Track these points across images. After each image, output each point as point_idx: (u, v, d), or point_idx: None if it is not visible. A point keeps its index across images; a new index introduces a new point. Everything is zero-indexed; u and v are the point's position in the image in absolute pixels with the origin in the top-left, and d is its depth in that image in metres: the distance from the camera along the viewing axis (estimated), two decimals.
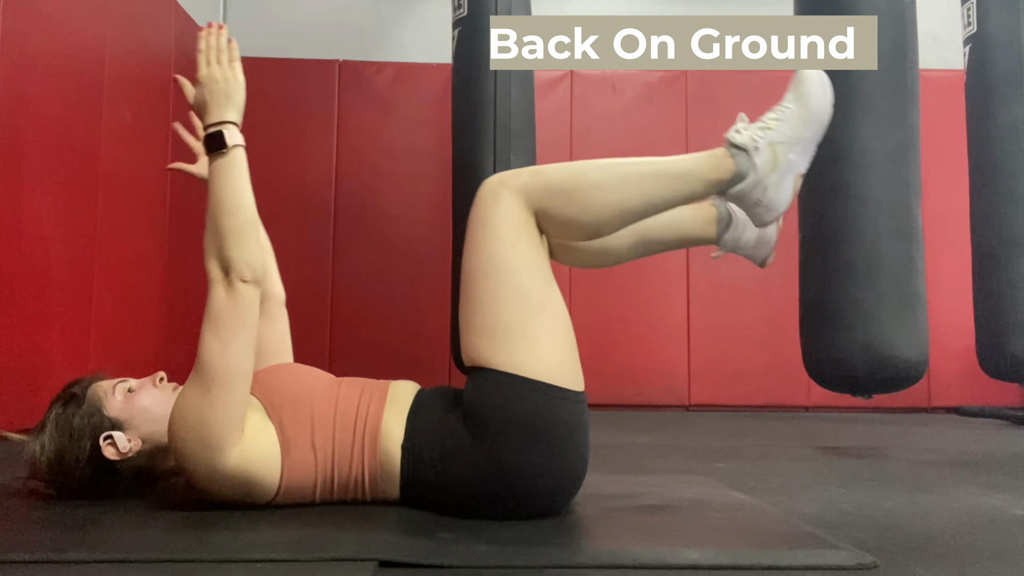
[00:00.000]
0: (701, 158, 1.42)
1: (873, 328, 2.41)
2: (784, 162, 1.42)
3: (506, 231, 1.36)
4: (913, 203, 2.52)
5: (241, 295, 1.30)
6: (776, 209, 1.44)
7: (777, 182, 1.42)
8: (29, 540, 1.19)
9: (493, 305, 1.34)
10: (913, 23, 2.61)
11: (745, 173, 1.40)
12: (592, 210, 1.38)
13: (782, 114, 1.44)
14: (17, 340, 2.57)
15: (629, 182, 1.39)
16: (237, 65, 1.38)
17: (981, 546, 1.31)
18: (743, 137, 1.42)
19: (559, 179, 1.39)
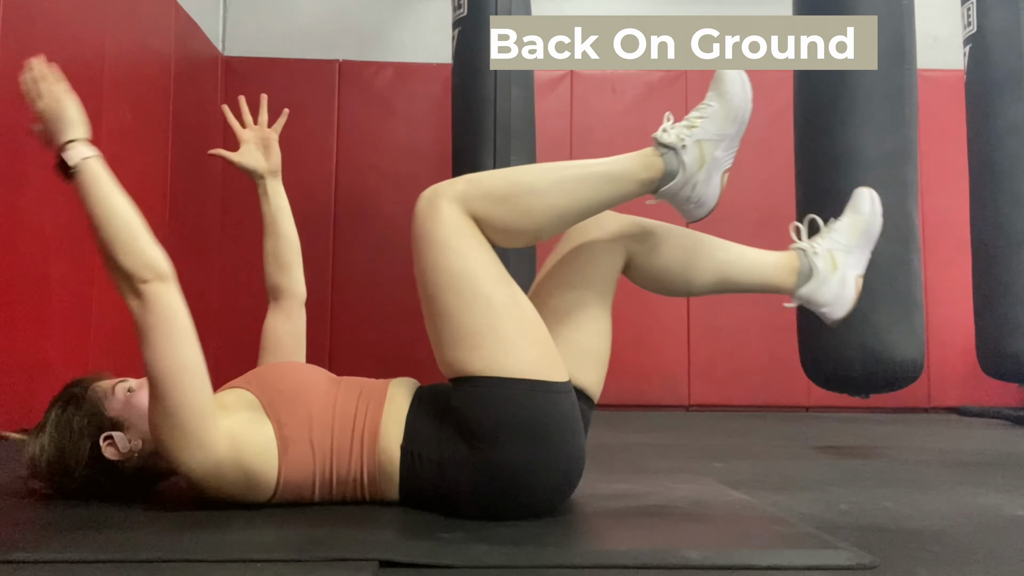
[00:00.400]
0: (632, 158, 1.44)
1: (870, 329, 2.41)
2: (711, 159, 1.46)
3: (452, 240, 1.36)
4: (910, 205, 2.52)
5: (151, 296, 1.29)
6: (706, 205, 1.48)
7: (705, 179, 1.45)
8: (29, 540, 1.19)
9: (457, 316, 1.34)
10: (911, 24, 2.61)
11: (675, 171, 1.43)
12: (530, 215, 1.39)
13: (706, 112, 1.48)
14: (17, 340, 2.57)
15: (564, 186, 1.40)
16: (59, 84, 1.37)
17: (981, 546, 1.31)
18: (670, 136, 1.45)
19: (495, 186, 1.40)
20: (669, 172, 1.43)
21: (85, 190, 1.31)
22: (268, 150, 1.76)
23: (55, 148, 1.34)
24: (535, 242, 1.46)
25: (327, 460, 1.36)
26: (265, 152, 1.76)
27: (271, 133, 1.77)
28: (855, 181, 2.50)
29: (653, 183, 1.44)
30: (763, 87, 5.30)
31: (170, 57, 3.88)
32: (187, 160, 4.03)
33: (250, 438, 1.32)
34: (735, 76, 1.50)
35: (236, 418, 1.34)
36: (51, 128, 1.34)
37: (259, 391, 1.39)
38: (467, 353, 1.33)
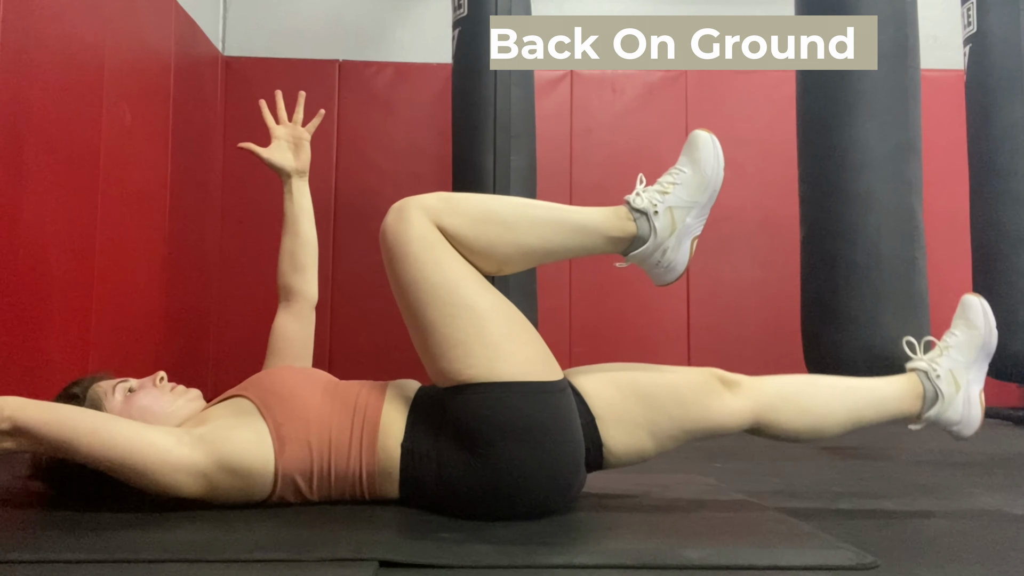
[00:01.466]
0: (607, 215, 1.44)
1: (875, 328, 2.41)
2: (681, 225, 1.46)
3: (424, 252, 1.35)
4: (915, 203, 2.52)
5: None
6: (675, 271, 1.49)
7: (675, 244, 1.46)
8: (29, 540, 1.19)
9: (442, 327, 1.34)
10: (914, 23, 2.61)
11: (645, 236, 1.44)
12: (497, 247, 1.39)
13: (678, 178, 1.47)
14: (17, 340, 2.57)
15: (536, 227, 1.41)
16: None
17: (981, 546, 1.30)
18: (643, 201, 1.44)
19: (468, 209, 1.39)
20: (640, 236, 1.44)
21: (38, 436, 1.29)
22: (299, 149, 1.77)
23: None
24: (497, 274, 1.45)
25: (325, 458, 1.36)
26: (295, 151, 1.77)
27: (304, 132, 1.79)
28: (859, 179, 2.51)
29: (623, 244, 1.45)
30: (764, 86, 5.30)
31: (170, 57, 3.88)
32: (187, 160, 4.03)
33: (234, 437, 1.32)
34: (708, 142, 1.47)
35: (210, 425, 1.34)
36: None
37: (255, 395, 1.39)
38: (457, 363, 1.33)
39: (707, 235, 1.66)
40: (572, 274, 4.64)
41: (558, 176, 4.58)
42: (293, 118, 1.78)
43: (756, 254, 4.65)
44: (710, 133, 1.48)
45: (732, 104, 4.64)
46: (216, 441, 1.31)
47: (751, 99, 4.70)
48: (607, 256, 1.89)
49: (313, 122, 1.79)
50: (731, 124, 4.51)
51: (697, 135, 1.48)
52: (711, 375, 1.49)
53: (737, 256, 4.68)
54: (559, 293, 4.55)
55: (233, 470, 1.32)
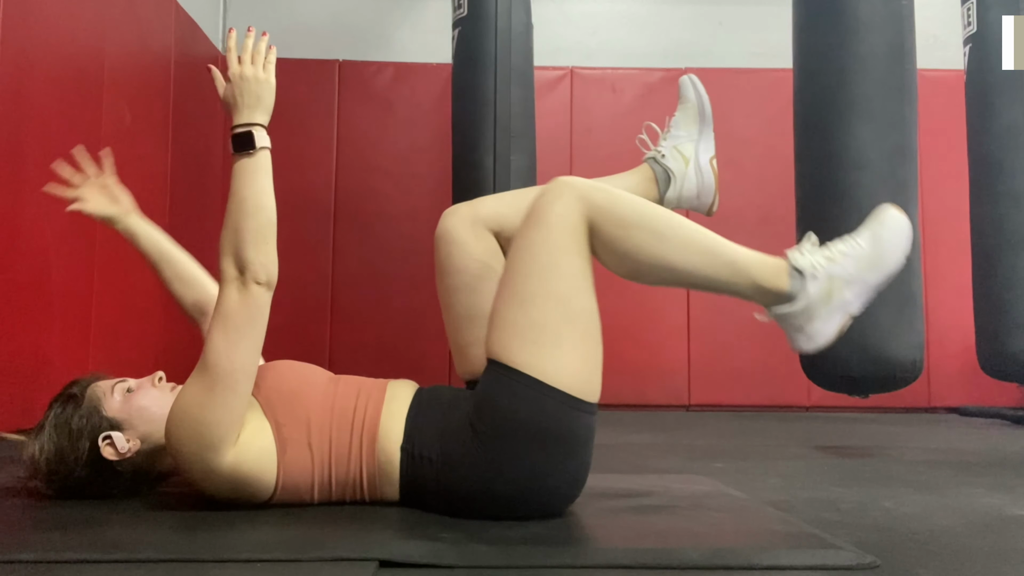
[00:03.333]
0: (763, 262, 1.37)
1: (869, 328, 2.41)
2: (838, 299, 1.36)
3: (560, 235, 1.33)
4: (909, 204, 2.52)
5: (254, 297, 1.29)
6: (816, 342, 1.38)
7: (826, 316, 1.36)
8: (29, 540, 1.19)
9: (530, 304, 1.32)
10: (911, 25, 2.61)
11: (795, 296, 1.35)
12: (642, 255, 1.34)
13: (852, 249, 1.37)
14: (17, 340, 2.57)
15: (687, 247, 1.34)
16: (271, 68, 1.38)
17: (981, 546, 1.31)
18: (804, 261, 1.36)
19: (625, 211, 1.35)
20: (789, 295, 1.35)
21: (251, 175, 1.32)
22: (111, 192, 1.72)
23: (236, 118, 1.35)
24: (628, 278, 1.41)
25: (326, 461, 1.36)
26: (110, 196, 1.72)
27: (107, 178, 1.75)
28: (855, 180, 2.51)
29: (769, 295, 1.36)
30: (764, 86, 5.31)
31: (170, 57, 3.88)
32: (187, 160, 4.03)
33: (250, 443, 1.32)
34: (898, 223, 1.38)
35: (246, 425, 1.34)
36: (243, 100, 1.35)
37: (256, 390, 1.38)
38: (520, 343, 1.31)
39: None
40: None
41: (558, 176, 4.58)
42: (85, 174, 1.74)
43: None
44: (905, 216, 1.39)
45: (732, 104, 4.64)
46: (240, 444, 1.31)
47: (751, 99, 4.70)
48: None
49: (106, 164, 1.76)
50: (731, 124, 4.51)
51: (890, 214, 1.39)
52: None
53: None
54: None
55: (241, 473, 1.31)
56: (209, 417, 1.27)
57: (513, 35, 3.41)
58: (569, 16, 5.06)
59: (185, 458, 1.30)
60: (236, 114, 1.35)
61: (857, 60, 2.54)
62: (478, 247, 1.50)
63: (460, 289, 1.49)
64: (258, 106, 1.35)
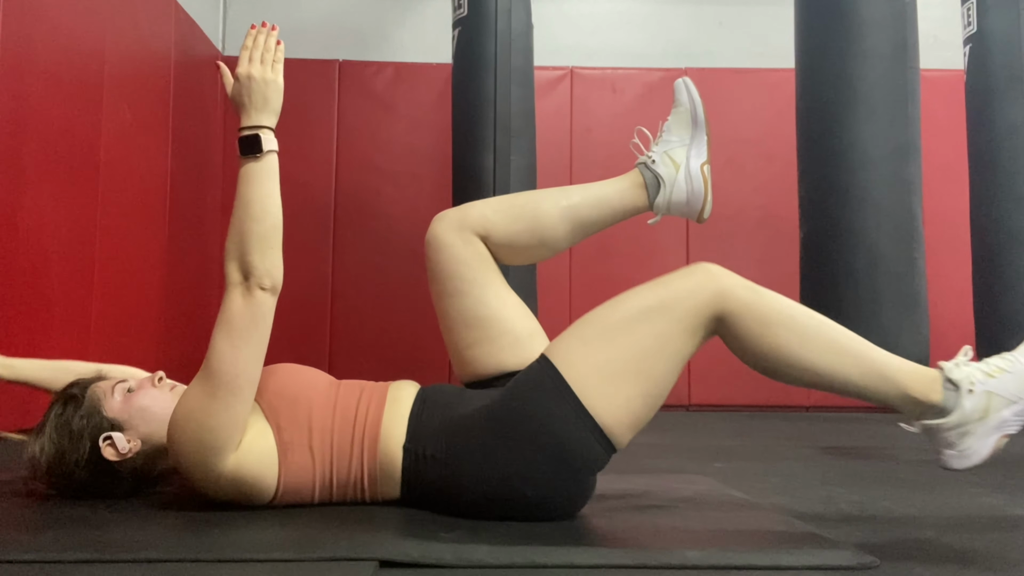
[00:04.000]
0: (913, 370, 1.29)
1: (874, 328, 2.41)
2: (996, 418, 1.27)
3: (684, 314, 1.28)
4: (914, 203, 2.52)
5: (258, 302, 1.29)
6: (969, 460, 1.29)
7: (982, 434, 1.28)
8: (29, 540, 1.19)
9: (619, 342, 1.28)
10: (913, 23, 2.61)
11: (950, 410, 1.26)
12: (782, 355, 1.28)
13: (1013, 367, 1.29)
14: (17, 340, 2.57)
15: (832, 351, 1.28)
16: (280, 68, 1.36)
17: (981, 546, 1.31)
18: (960, 373, 1.28)
19: (770, 310, 1.28)
20: (944, 408, 1.26)
21: (257, 179, 1.31)
22: None
23: (244, 119, 1.34)
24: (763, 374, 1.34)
25: (327, 464, 1.36)
26: None
27: None
28: (858, 179, 2.51)
29: (920, 407, 1.27)
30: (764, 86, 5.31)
31: (170, 57, 3.88)
32: (187, 160, 4.03)
33: (251, 447, 1.32)
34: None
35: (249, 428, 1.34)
36: (251, 101, 1.34)
37: (258, 394, 1.38)
38: (583, 364, 1.28)
39: (707, 235, 1.67)
40: (572, 273, 4.64)
41: (558, 176, 4.58)
42: None
43: (756, 254, 4.65)
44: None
45: (732, 104, 4.64)
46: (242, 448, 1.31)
47: (751, 99, 4.70)
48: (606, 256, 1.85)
49: None
50: (731, 124, 4.51)
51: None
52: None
53: (737, 256, 4.68)
54: (559, 292, 4.55)
55: (243, 477, 1.31)
56: (212, 422, 1.27)
57: (513, 35, 3.41)
58: (569, 16, 5.06)
59: (187, 462, 1.30)
60: (244, 116, 1.34)
61: (860, 59, 2.54)
62: (466, 252, 1.50)
63: (452, 294, 1.50)
64: (265, 108, 1.35)
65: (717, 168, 1.65)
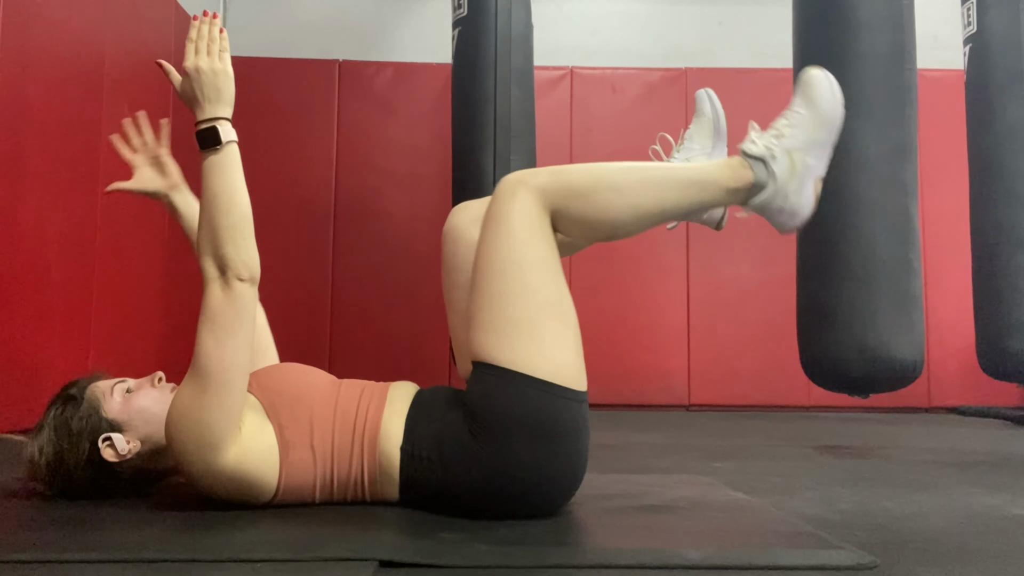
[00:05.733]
0: (720, 168, 1.42)
1: (869, 328, 2.41)
2: (802, 167, 1.42)
3: (521, 229, 1.35)
4: (910, 204, 2.52)
5: (237, 294, 1.29)
6: (800, 214, 1.44)
7: (798, 188, 1.42)
8: (29, 540, 1.19)
9: (502, 301, 1.33)
10: (911, 25, 2.61)
11: (764, 183, 1.41)
12: (610, 213, 1.38)
13: (794, 119, 1.44)
14: (17, 340, 2.57)
15: (648, 187, 1.39)
16: (227, 57, 1.34)
17: (981, 546, 1.31)
18: (758, 147, 1.41)
19: (578, 181, 1.39)
20: (758, 183, 1.41)
21: (219, 170, 1.30)
22: (163, 166, 1.73)
23: (199, 114, 1.32)
24: (611, 239, 1.45)
25: (328, 463, 1.36)
26: (160, 169, 1.73)
27: (160, 148, 1.74)
28: (855, 180, 2.51)
29: (740, 193, 1.42)
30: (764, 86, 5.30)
31: (170, 57, 3.88)
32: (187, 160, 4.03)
33: (255, 445, 1.32)
34: (823, 79, 1.45)
35: (246, 424, 1.34)
36: (203, 94, 1.32)
37: (260, 393, 1.39)
38: (500, 341, 1.32)
39: (707, 235, 1.67)
40: (572, 274, 4.63)
41: None
42: (143, 140, 1.74)
43: (756, 254, 4.65)
44: (823, 70, 1.45)
45: (732, 104, 4.63)
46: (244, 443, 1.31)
47: (751, 99, 4.69)
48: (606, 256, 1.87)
49: (163, 134, 1.75)
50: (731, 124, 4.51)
51: (810, 74, 1.45)
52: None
53: (737, 256, 4.68)
54: None
55: (244, 473, 1.31)
56: (206, 418, 1.27)
57: (513, 35, 3.41)
58: (569, 16, 5.06)
59: (188, 460, 1.30)
60: (198, 110, 1.32)
61: (858, 59, 2.54)
62: None
63: (464, 287, 1.50)
64: (219, 99, 1.32)
65: None
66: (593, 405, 1.49)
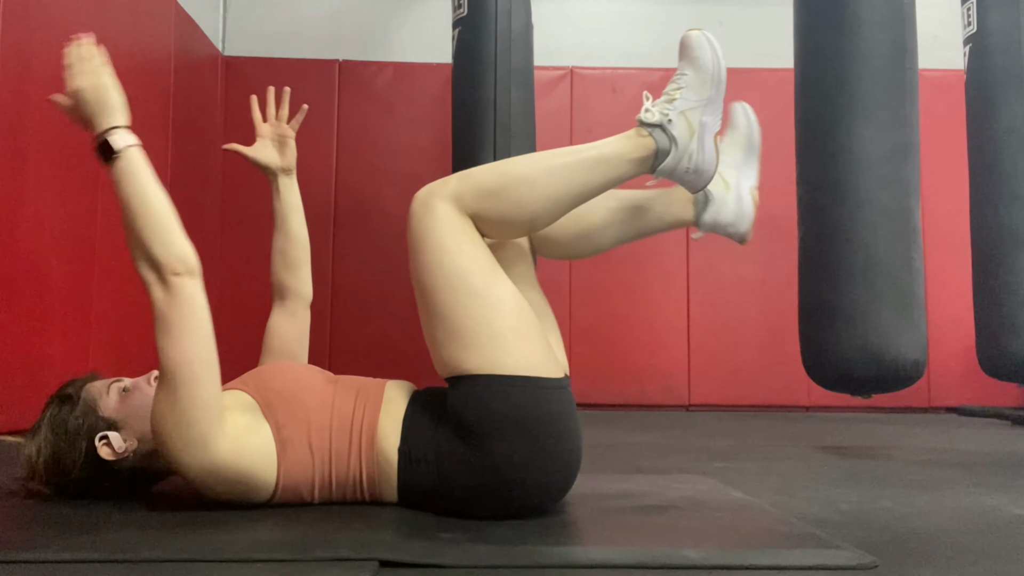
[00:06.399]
0: (620, 141, 1.44)
1: (871, 328, 2.41)
2: (699, 126, 1.45)
3: (447, 239, 1.36)
4: (912, 204, 2.52)
5: (178, 289, 1.28)
6: (706, 172, 1.47)
7: (698, 147, 1.45)
8: (29, 540, 1.19)
9: (453, 314, 1.34)
10: (912, 24, 2.61)
11: (667, 148, 1.44)
12: (524, 206, 1.40)
13: (681, 82, 1.47)
14: (17, 340, 2.57)
15: (555, 173, 1.41)
16: (105, 69, 1.34)
17: (981, 546, 1.30)
18: (654, 115, 1.44)
19: (487, 180, 1.40)
20: (661, 150, 1.44)
21: (125, 178, 1.30)
22: (284, 147, 1.76)
23: (93, 131, 1.32)
24: (531, 232, 1.47)
25: (326, 462, 1.36)
26: (280, 149, 1.76)
27: (289, 130, 1.77)
28: (856, 180, 2.51)
29: (646, 162, 1.44)
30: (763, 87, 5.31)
31: (170, 57, 3.88)
32: (187, 160, 4.03)
33: (250, 441, 1.32)
34: (700, 38, 1.48)
35: (237, 420, 1.34)
36: (89, 111, 1.32)
37: (256, 392, 1.39)
38: (463, 351, 1.33)
39: (707, 235, 1.67)
40: (572, 274, 4.63)
41: None
42: (279, 115, 1.76)
43: (756, 254, 4.65)
44: (700, 30, 1.49)
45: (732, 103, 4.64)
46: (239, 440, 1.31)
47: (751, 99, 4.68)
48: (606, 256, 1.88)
49: (297, 118, 1.77)
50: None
51: (688, 35, 1.49)
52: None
53: (737, 256, 4.68)
54: (559, 293, 4.55)
55: (241, 471, 1.31)
56: (184, 417, 1.27)
57: (513, 35, 3.41)
58: (569, 16, 5.06)
59: (180, 461, 1.30)
60: (90, 128, 1.32)
61: (858, 59, 2.53)
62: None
63: None
64: (105, 110, 1.32)
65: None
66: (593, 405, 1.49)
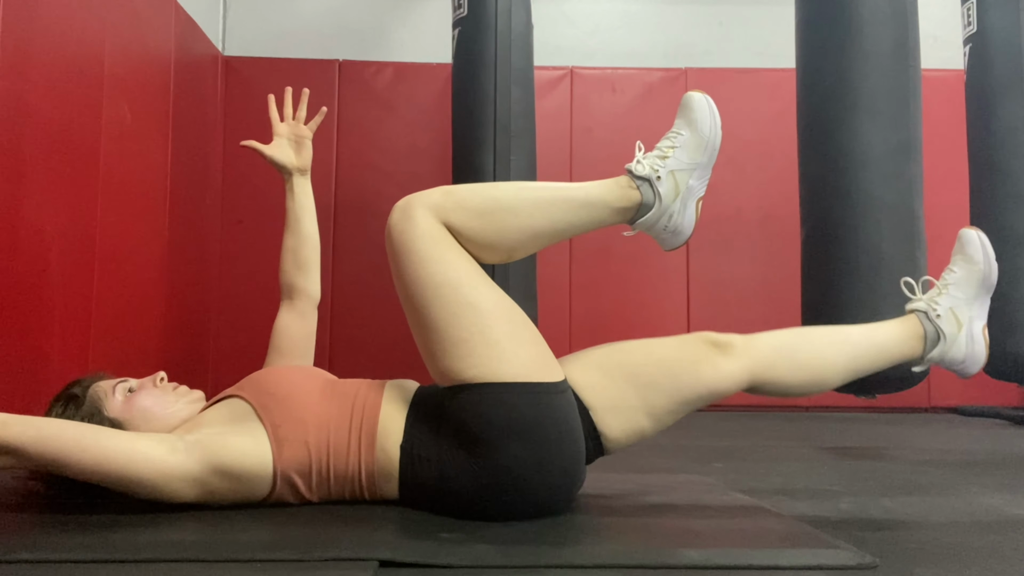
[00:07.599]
0: (609, 187, 1.45)
1: None
2: (684, 188, 1.47)
3: (430, 250, 1.35)
4: (915, 203, 2.52)
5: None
6: (683, 234, 1.49)
7: (681, 208, 1.47)
8: (29, 540, 1.19)
9: (445, 326, 1.34)
10: (915, 22, 2.61)
11: (651, 203, 1.45)
12: (505, 234, 1.40)
13: (676, 141, 1.48)
14: (17, 340, 2.57)
15: (540, 207, 1.42)
16: None
17: (981, 546, 1.31)
18: (644, 168, 1.45)
19: (472, 200, 1.40)
20: (645, 203, 1.45)
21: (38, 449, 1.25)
22: (300, 147, 1.78)
23: None
24: (508, 260, 1.46)
25: (324, 458, 1.36)
26: (297, 148, 1.77)
27: (306, 130, 1.79)
28: (859, 179, 2.51)
29: (628, 213, 1.46)
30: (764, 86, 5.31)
31: (170, 57, 3.88)
32: (187, 160, 4.03)
33: (230, 444, 1.32)
34: (702, 103, 1.48)
35: (205, 430, 1.34)
36: None
37: (252, 396, 1.39)
38: (459, 362, 1.33)
39: (707, 235, 1.67)
40: (572, 274, 4.63)
41: (558, 176, 4.59)
42: (296, 115, 1.78)
43: (756, 254, 4.65)
44: (703, 93, 1.49)
45: (732, 104, 4.64)
46: (211, 447, 1.31)
47: (751, 99, 4.70)
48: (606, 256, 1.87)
49: (315, 120, 1.79)
50: (731, 124, 4.50)
51: (690, 97, 1.49)
52: (701, 341, 1.45)
53: (737, 256, 4.68)
54: (559, 293, 4.55)
55: (229, 474, 1.32)
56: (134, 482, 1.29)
57: (513, 35, 3.41)
58: (569, 16, 5.06)
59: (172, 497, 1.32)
60: None
61: (860, 58, 2.53)
62: None
63: None
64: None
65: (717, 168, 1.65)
66: None
